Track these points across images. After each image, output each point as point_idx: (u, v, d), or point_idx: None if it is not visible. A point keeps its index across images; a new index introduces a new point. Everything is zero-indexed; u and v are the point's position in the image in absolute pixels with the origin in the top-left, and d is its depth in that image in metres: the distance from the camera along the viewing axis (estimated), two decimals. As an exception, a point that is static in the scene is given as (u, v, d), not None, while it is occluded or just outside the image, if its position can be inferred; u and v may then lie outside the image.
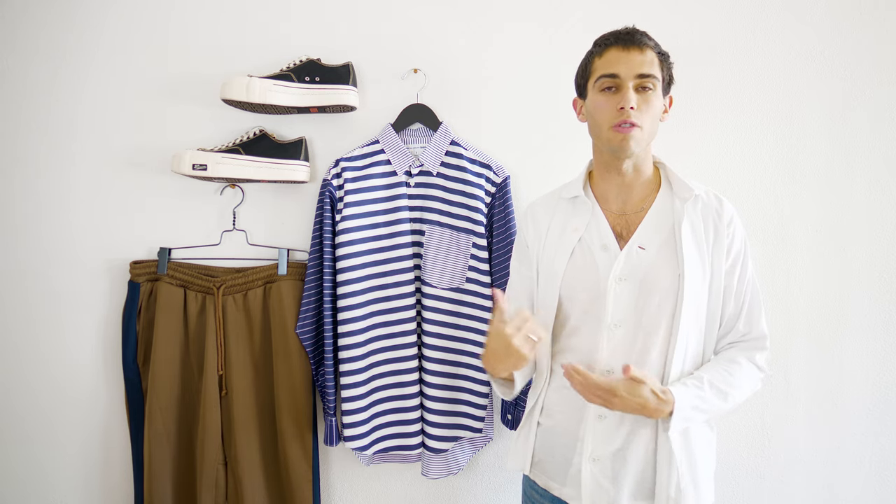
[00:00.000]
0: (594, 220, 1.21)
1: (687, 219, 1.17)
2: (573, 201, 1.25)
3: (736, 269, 1.19)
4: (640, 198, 1.22)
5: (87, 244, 1.71)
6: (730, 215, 1.20)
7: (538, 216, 1.29)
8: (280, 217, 1.71)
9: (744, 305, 1.20)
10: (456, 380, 1.63)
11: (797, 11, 1.66)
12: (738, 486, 1.71)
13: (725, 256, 1.18)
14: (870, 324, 1.68)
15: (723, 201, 1.21)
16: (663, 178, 1.24)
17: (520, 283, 1.30)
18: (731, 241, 1.19)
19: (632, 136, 1.13)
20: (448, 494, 1.75)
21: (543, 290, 1.24)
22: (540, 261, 1.25)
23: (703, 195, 1.20)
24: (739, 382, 1.15)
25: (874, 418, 1.69)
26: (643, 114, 1.13)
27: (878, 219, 1.67)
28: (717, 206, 1.20)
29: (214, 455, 1.62)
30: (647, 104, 1.13)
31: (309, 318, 1.63)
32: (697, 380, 1.13)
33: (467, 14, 1.68)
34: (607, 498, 1.16)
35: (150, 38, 1.70)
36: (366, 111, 1.68)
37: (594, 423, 1.17)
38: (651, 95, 1.14)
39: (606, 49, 1.16)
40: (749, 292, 1.20)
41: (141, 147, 1.70)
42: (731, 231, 1.19)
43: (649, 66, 1.13)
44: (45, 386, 1.73)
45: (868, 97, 1.66)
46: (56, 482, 1.75)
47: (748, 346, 1.20)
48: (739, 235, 1.20)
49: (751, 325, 1.20)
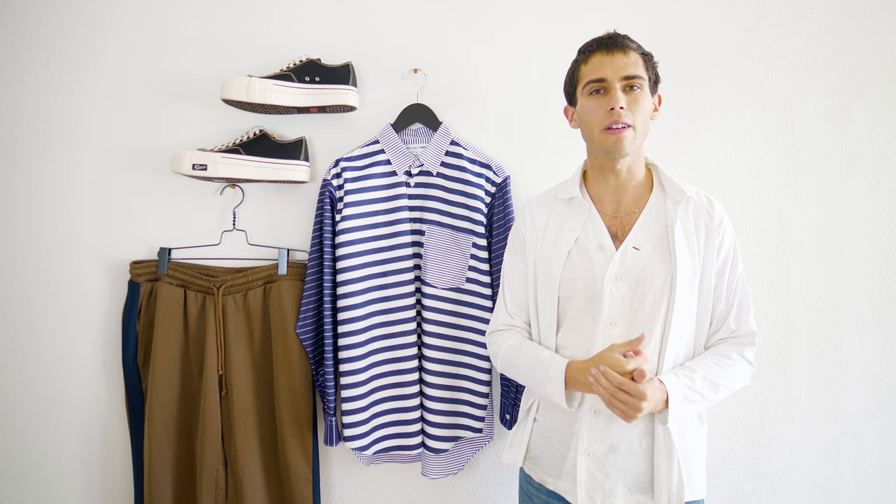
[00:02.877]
0: (590, 220, 1.23)
1: (679, 220, 1.20)
2: (569, 202, 1.27)
3: (726, 269, 1.22)
4: (634, 199, 1.24)
5: (87, 244, 1.71)
6: (720, 216, 1.23)
7: (535, 215, 1.30)
8: (280, 217, 1.71)
9: (734, 303, 1.23)
10: (456, 380, 1.63)
11: (797, 11, 1.66)
12: (737, 486, 1.71)
13: (716, 256, 1.21)
14: (870, 324, 1.68)
15: (714, 203, 1.24)
16: (655, 180, 1.26)
17: (515, 278, 1.32)
18: (721, 242, 1.22)
19: (624, 136, 1.15)
20: (448, 494, 1.75)
21: (542, 290, 1.25)
22: (537, 260, 1.27)
23: (694, 197, 1.23)
24: (729, 375, 1.19)
25: (874, 418, 1.69)
26: (633, 113, 1.16)
27: (878, 219, 1.67)
28: (708, 207, 1.23)
29: (214, 455, 1.62)
30: (636, 103, 1.16)
31: (309, 318, 1.63)
32: (689, 370, 1.16)
33: (467, 14, 1.68)
34: (602, 492, 1.18)
35: (149, 39, 1.70)
36: (366, 111, 1.68)
37: (589, 419, 1.19)
38: (639, 94, 1.17)
39: (591, 55, 1.19)
40: (739, 291, 1.24)
41: (141, 147, 1.70)
42: (722, 231, 1.22)
43: (634, 67, 1.16)
44: (45, 386, 1.73)
45: (868, 97, 1.66)
46: (56, 482, 1.75)
47: (738, 341, 1.23)
48: (729, 236, 1.23)
49: (740, 322, 1.23)
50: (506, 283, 1.34)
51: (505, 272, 1.35)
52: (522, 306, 1.31)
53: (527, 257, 1.29)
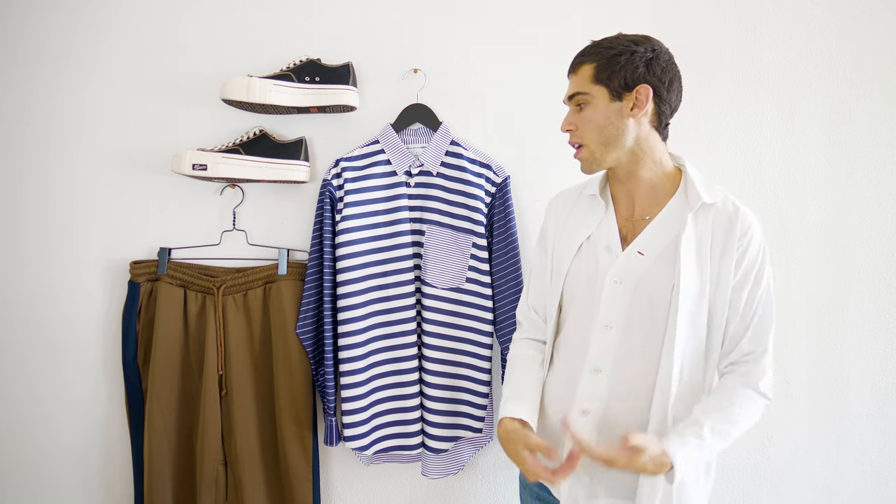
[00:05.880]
0: (605, 220, 1.23)
1: (691, 229, 1.13)
2: (591, 199, 1.26)
3: (746, 284, 1.13)
4: (652, 202, 1.19)
5: (87, 244, 1.71)
6: (745, 227, 1.13)
7: (559, 207, 1.32)
8: (280, 217, 1.71)
9: (751, 322, 1.14)
10: (456, 380, 1.63)
11: (797, 11, 1.66)
12: (738, 486, 1.71)
13: (734, 270, 1.12)
14: (870, 324, 1.68)
15: (740, 211, 1.14)
16: (682, 183, 1.19)
17: (538, 268, 1.33)
18: (744, 254, 1.12)
19: (580, 157, 1.20)
20: (448, 494, 1.75)
21: (551, 282, 1.27)
22: (554, 251, 1.28)
23: (718, 203, 1.15)
24: (740, 418, 1.11)
25: (874, 418, 1.69)
26: (581, 130, 1.18)
27: (878, 219, 1.67)
28: (731, 216, 1.14)
29: (214, 455, 1.62)
30: (581, 120, 1.18)
31: (309, 318, 1.63)
32: (697, 426, 1.08)
33: (467, 14, 1.68)
34: (585, 492, 1.19)
35: (150, 39, 1.70)
36: (366, 111, 1.68)
37: (577, 419, 1.19)
38: (586, 110, 1.17)
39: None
40: (760, 309, 1.14)
41: (141, 147, 1.70)
42: (746, 243, 1.13)
43: (579, 86, 1.18)
44: (45, 386, 1.73)
45: (868, 97, 1.66)
46: (56, 482, 1.75)
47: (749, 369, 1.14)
48: (754, 248, 1.13)
49: (756, 343, 1.14)
50: (533, 272, 1.35)
51: (532, 262, 1.37)
52: (540, 292, 1.32)
53: (547, 246, 1.30)
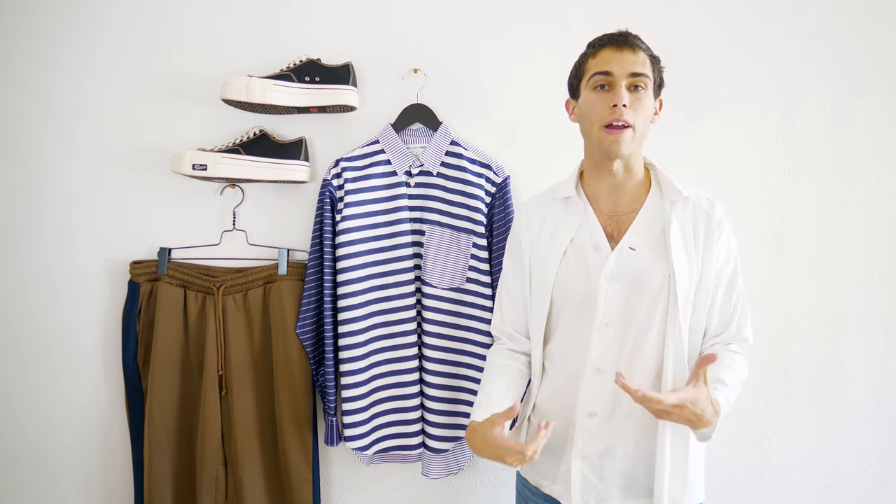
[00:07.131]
0: (586, 220, 1.22)
1: (676, 220, 1.18)
2: (565, 202, 1.26)
3: (727, 270, 1.21)
4: (631, 199, 1.22)
5: (87, 244, 1.71)
6: (719, 216, 1.21)
7: (532, 215, 1.30)
8: (280, 217, 1.71)
9: (736, 306, 1.22)
10: (456, 380, 1.63)
11: (797, 11, 1.66)
12: (738, 486, 1.71)
13: (715, 258, 1.19)
14: (870, 324, 1.68)
15: (714, 204, 1.23)
16: (653, 181, 1.25)
17: (511, 280, 1.32)
18: (720, 241, 1.20)
19: (622, 137, 1.13)
20: (448, 494, 1.75)
21: (536, 290, 1.25)
22: (532, 260, 1.26)
23: (693, 197, 1.22)
24: (743, 375, 1.19)
25: (874, 418, 1.69)
26: (636, 112, 1.14)
27: (878, 219, 1.67)
28: (707, 208, 1.21)
29: (214, 455, 1.62)
30: (639, 103, 1.15)
31: (309, 318, 1.63)
32: (722, 384, 1.12)
33: (467, 14, 1.68)
34: (597, 494, 1.17)
35: (149, 38, 1.70)
36: (366, 111, 1.68)
37: (584, 422, 1.18)
38: (643, 95, 1.15)
39: (600, 49, 1.18)
40: (738, 293, 1.22)
41: (141, 147, 1.70)
42: (720, 231, 1.20)
43: (641, 66, 1.15)
44: (44, 386, 1.73)
45: (868, 97, 1.66)
46: (56, 482, 1.75)
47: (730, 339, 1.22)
48: (727, 237, 1.22)
49: (741, 328, 1.23)
50: (503, 286, 1.34)
51: (503, 275, 1.35)
52: (518, 309, 1.30)
53: (522, 258, 1.29)
